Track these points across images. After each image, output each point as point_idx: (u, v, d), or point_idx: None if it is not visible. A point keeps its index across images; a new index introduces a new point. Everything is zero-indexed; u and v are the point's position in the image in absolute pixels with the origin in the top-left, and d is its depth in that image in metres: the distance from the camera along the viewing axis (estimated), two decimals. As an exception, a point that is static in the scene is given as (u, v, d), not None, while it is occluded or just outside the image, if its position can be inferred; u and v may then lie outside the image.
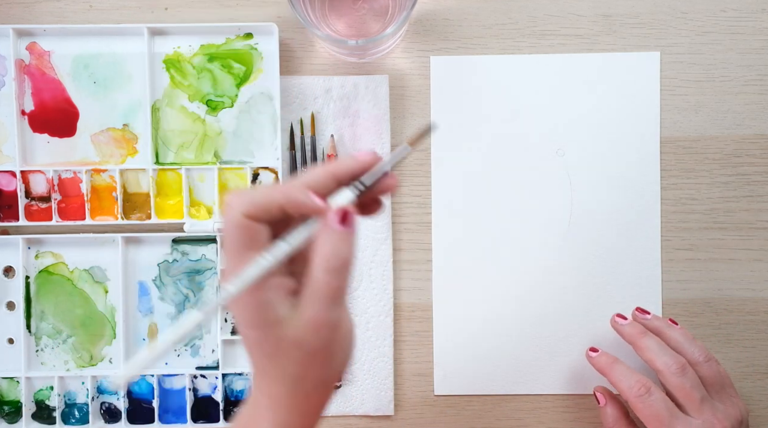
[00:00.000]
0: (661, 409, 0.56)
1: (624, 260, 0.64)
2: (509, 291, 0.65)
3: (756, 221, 0.65)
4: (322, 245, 0.42)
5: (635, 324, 0.61)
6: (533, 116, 0.65)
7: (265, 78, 0.64)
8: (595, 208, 0.65)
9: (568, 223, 0.65)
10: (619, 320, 0.61)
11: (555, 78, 0.65)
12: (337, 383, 0.64)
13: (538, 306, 0.65)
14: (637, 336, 0.59)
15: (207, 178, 0.64)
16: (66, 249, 0.65)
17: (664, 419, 0.56)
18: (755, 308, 0.65)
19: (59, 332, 0.64)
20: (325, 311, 0.42)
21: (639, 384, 0.57)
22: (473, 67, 0.65)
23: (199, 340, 0.65)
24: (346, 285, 0.43)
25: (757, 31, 0.65)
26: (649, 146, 0.64)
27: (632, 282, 0.65)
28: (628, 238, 0.64)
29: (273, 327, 0.42)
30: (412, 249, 0.65)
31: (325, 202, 0.43)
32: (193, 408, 0.64)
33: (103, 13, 0.65)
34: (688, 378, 0.57)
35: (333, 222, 0.42)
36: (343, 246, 0.42)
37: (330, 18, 0.62)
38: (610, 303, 0.64)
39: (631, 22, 0.65)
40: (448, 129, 0.65)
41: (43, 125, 0.64)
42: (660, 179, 0.65)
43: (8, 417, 0.64)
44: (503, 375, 0.65)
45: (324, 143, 0.65)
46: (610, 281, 0.65)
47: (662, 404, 0.56)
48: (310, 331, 0.42)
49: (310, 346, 0.42)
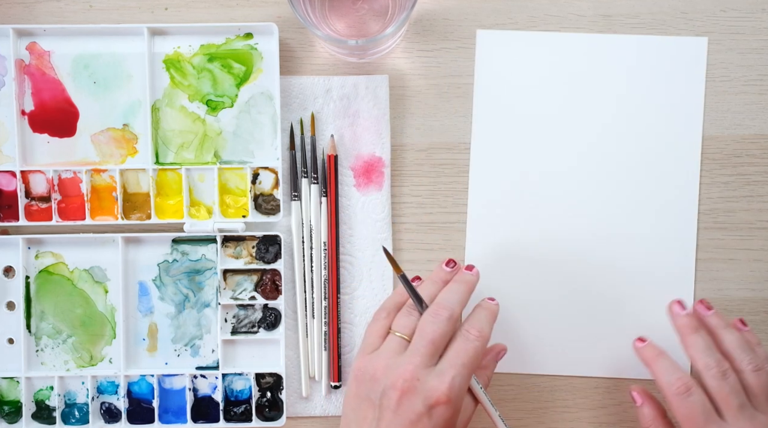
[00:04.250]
0: (697, 411, 0.54)
1: (660, 251, 0.64)
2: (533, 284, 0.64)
3: (756, 221, 0.65)
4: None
5: (691, 317, 0.58)
6: (572, 102, 0.64)
7: (265, 78, 0.64)
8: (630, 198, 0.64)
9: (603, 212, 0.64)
10: (677, 308, 0.59)
11: (598, 61, 0.64)
12: (337, 383, 0.64)
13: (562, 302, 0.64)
14: (688, 330, 0.57)
15: (207, 178, 0.64)
16: (66, 249, 0.65)
17: (698, 421, 0.54)
18: (755, 308, 0.65)
19: (59, 332, 0.64)
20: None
21: (680, 382, 0.55)
22: (520, 43, 0.64)
23: (199, 340, 0.65)
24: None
25: (757, 31, 0.65)
26: (691, 138, 0.64)
27: (665, 275, 0.64)
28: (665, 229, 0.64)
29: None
30: (412, 249, 0.65)
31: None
32: (193, 408, 0.64)
33: (103, 13, 0.65)
34: (727, 383, 0.55)
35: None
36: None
37: (330, 18, 0.62)
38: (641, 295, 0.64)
39: (631, 22, 0.65)
40: (489, 113, 0.64)
41: (43, 125, 0.64)
42: (700, 171, 0.64)
43: (8, 417, 0.64)
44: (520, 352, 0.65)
45: (324, 143, 0.65)
46: (643, 273, 0.64)
47: (699, 406, 0.54)
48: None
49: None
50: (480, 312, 0.57)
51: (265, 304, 0.64)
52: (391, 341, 0.55)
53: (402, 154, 0.65)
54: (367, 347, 0.56)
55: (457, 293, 0.56)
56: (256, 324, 0.64)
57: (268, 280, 0.64)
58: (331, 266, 0.64)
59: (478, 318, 0.56)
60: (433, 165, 0.65)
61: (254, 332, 0.64)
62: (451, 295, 0.56)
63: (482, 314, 0.57)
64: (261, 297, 0.64)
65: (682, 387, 0.55)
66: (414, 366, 0.53)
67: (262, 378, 0.64)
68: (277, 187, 0.64)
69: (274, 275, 0.64)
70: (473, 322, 0.56)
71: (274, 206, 0.64)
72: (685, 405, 0.54)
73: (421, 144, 0.65)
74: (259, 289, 0.64)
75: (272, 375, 0.64)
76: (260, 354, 0.65)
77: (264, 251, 0.64)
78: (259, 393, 0.64)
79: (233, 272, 0.64)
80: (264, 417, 0.64)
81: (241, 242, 0.64)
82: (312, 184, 0.64)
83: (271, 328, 0.64)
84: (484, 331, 0.55)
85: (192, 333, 0.65)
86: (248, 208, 0.64)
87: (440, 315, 0.55)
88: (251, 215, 0.64)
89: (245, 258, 0.64)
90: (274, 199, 0.64)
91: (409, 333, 0.55)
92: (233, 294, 0.64)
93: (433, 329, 0.54)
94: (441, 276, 0.59)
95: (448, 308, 0.55)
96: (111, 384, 0.65)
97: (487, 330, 0.55)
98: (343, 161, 0.65)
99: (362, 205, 0.65)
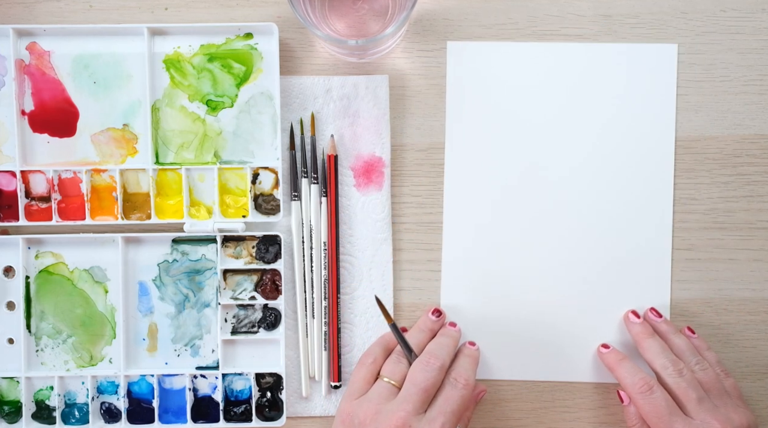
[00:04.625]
0: (661, 407, 0.57)
1: (635, 257, 0.64)
2: (518, 289, 0.65)
3: (756, 221, 0.65)
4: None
5: (645, 324, 0.63)
6: (548, 108, 0.64)
7: (265, 78, 0.64)
8: (607, 203, 0.64)
9: (580, 219, 0.65)
10: (632, 317, 0.63)
11: (571, 69, 0.64)
12: (337, 383, 0.64)
13: (546, 305, 0.65)
14: (643, 336, 0.62)
15: (207, 178, 0.64)
16: (66, 249, 0.65)
17: (663, 416, 0.57)
18: (755, 308, 0.65)
19: (59, 332, 0.64)
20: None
21: (642, 381, 0.58)
22: (490, 54, 0.64)
23: (199, 340, 0.65)
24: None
25: (757, 31, 0.65)
26: (664, 144, 0.64)
27: (643, 279, 0.64)
28: (640, 235, 0.64)
29: None
30: (412, 249, 0.65)
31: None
32: (193, 408, 0.64)
33: (103, 13, 0.65)
34: (684, 379, 0.58)
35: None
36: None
37: (330, 18, 0.62)
38: (619, 300, 0.64)
39: (631, 22, 0.65)
40: (461, 122, 0.64)
41: (43, 125, 0.64)
42: (674, 177, 0.64)
43: (8, 417, 0.64)
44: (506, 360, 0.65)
45: (324, 143, 0.65)
46: (620, 278, 0.64)
47: (663, 402, 0.57)
48: None
49: None
50: (465, 360, 0.60)
51: (265, 304, 0.64)
52: (380, 387, 0.57)
53: (402, 154, 0.65)
54: (354, 392, 0.58)
55: (445, 346, 0.60)
56: (256, 324, 0.64)
57: (268, 280, 0.64)
58: (331, 266, 0.64)
59: (464, 367, 0.59)
60: (433, 165, 0.65)
61: (254, 332, 0.64)
62: (441, 348, 0.59)
63: (467, 362, 0.60)
64: (261, 297, 0.64)
65: (644, 387, 0.58)
66: (406, 413, 0.55)
67: (262, 378, 0.64)
68: (277, 187, 0.64)
69: (274, 275, 0.64)
70: (460, 371, 0.58)
71: (274, 206, 0.64)
72: (649, 403, 0.57)
73: (421, 144, 0.65)
74: (259, 289, 0.64)
75: (272, 375, 0.64)
76: (260, 354, 0.65)
77: (264, 251, 0.64)
78: (259, 393, 0.64)
79: (233, 272, 0.64)
80: (264, 417, 0.64)
81: (241, 242, 0.64)
82: (312, 184, 0.64)
83: (271, 328, 0.64)
84: (470, 380, 0.58)
85: (192, 333, 0.65)
86: (248, 208, 0.64)
87: (432, 365, 0.57)
88: (251, 215, 0.64)
89: (245, 258, 0.64)
90: (274, 199, 0.64)
91: (398, 379, 0.58)
92: (233, 294, 0.64)
93: (425, 377, 0.56)
94: (428, 325, 0.63)
95: (440, 358, 0.58)
96: (111, 384, 0.65)
97: (472, 379, 0.58)
98: (343, 161, 0.65)
99: (362, 205, 0.65)
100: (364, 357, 0.60)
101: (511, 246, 0.65)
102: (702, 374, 0.59)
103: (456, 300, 0.65)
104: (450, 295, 0.65)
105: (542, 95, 0.65)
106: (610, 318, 0.65)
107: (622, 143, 0.64)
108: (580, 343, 0.64)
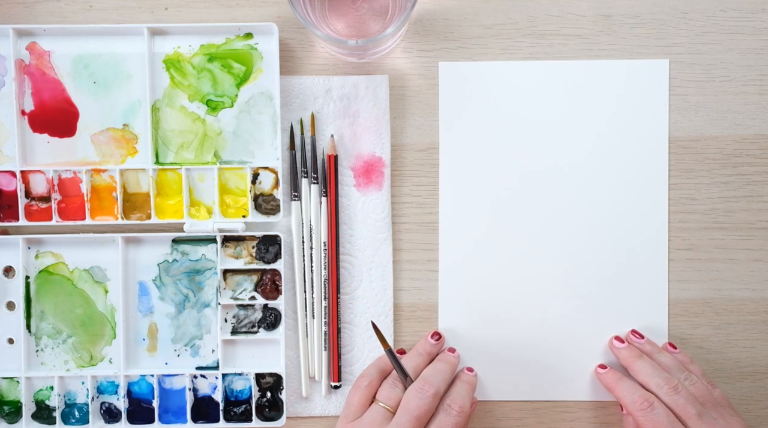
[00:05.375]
0: (664, 423, 0.57)
1: (632, 264, 0.64)
2: (515, 294, 0.65)
3: (756, 221, 0.65)
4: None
5: (631, 347, 0.63)
6: (541, 121, 0.65)
7: (265, 78, 0.64)
8: (602, 210, 0.65)
9: (575, 226, 0.65)
10: (617, 343, 0.63)
11: (563, 84, 0.64)
12: (337, 383, 0.64)
13: (543, 314, 0.65)
14: (632, 359, 0.62)
15: (207, 178, 0.64)
16: (66, 249, 0.65)
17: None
18: (755, 308, 0.65)
19: (59, 332, 0.64)
20: None
21: (642, 398, 0.58)
22: (483, 72, 0.65)
23: (199, 340, 0.65)
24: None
25: (757, 31, 0.65)
26: (657, 153, 0.64)
27: (640, 285, 0.65)
28: (636, 244, 0.65)
29: None
30: (412, 249, 0.65)
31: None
32: (193, 408, 0.64)
33: (103, 13, 0.65)
34: (681, 396, 0.58)
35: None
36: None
37: (330, 18, 0.62)
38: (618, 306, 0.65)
39: (631, 22, 0.65)
40: (455, 134, 0.65)
41: (43, 125, 0.64)
42: (668, 182, 0.65)
43: (8, 417, 0.64)
44: (504, 378, 0.65)
45: (324, 143, 0.65)
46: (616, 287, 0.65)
47: (664, 417, 0.57)
48: None
49: None
50: (461, 386, 0.60)
51: (265, 304, 0.64)
52: (375, 411, 0.58)
53: (402, 154, 0.65)
54: (349, 415, 0.59)
55: (442, 372, 0.60)
56: (256, 324, 0.64)
57: (268, 280, 0.64)
58: (331, 266, 0.64)
59: (460, 394, 0.59)
60: (433, 165, 0.65)
61: (254, 332, 0.64)
62: (437, 374, 0.59)
63: (463, 388, 0.60)
64: (261, 297, 0.64)
65: (644, 404, 0.58)
66: None
67: (262, 378, 0.64)
68: (277, 187, 0.64)
69: (274, 275, 0.64)
70: (455, 397, 0.59)
71: (274, 206, 0.64)
72: (651, 419, 0.57)
73: (421, 144, 0.65)
74: (259, 289, 0.64)
75: (272, 375, 0.64)
76: (260, 354, 0.65)
77: (264, 251, 0.64)
78: (259, 393, 0.64)
79: (233, 272, 0.64)
80: (264, 417, 0.64)
81: (241, 242, 0.64)
82: (312, 184, 0.64)
83: (271, 328, 0.64)
84: (465, 407, 0.58)
85: (192, 333, 0.65)
86: (248, 208, 0.64)
87: (426, 392, 0.57)
88: (251, 215, 0.64)
89: (245, 258, 0.64)
90: (274, 199, 0.64)
91: (393, 404, 0.58)
92: (233, 294, 0.64)
93: (419, 404, 0.57)
94: (426, 348, 0.63)
95: (434, 385, 0.58)
96: (111, 384, 0.65)
97: (467, 406, 0.59)
98: (343, 161, 0.65)
99: (362, 205, 0.65)
100: (359, 379, 0.60)
101: (508, 254, 0.65)
102: (693, 388, 0.59)
103: (454, 311, 0.65)
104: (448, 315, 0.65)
105: (533, 111, 0.65)
106: (607, 331, 0.64)
107: (616, 152, 0.64)
108: (576, 361, 0.64)
